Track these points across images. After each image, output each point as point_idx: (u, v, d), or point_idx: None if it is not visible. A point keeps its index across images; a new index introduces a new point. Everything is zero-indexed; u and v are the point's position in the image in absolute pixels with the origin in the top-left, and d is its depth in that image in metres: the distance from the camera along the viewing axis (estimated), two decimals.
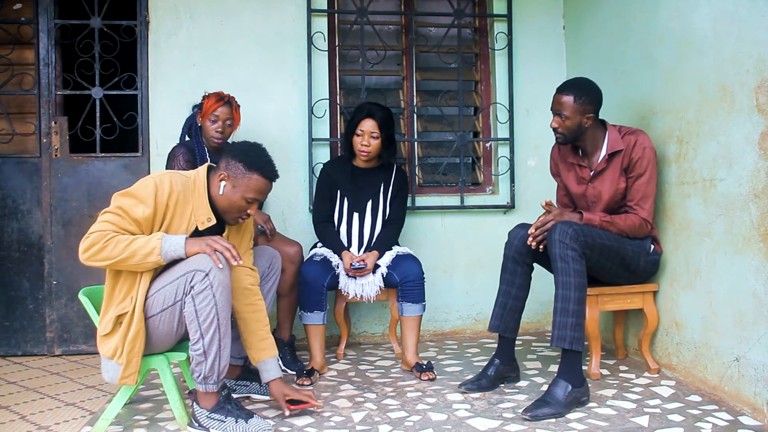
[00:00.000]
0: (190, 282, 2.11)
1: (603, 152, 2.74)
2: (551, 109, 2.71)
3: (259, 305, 2.41)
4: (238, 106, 3.10)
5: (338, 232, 3.11)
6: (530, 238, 2.58)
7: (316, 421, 2.33)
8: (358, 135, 3.03)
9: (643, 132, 2.73)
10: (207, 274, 2.11)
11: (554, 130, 2.71)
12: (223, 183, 2.24)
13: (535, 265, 2.79)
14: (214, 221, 2.27)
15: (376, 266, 2.99)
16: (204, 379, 2.17)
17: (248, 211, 2.29)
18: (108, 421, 2.25)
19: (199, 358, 2.16)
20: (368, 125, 3.01)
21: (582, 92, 2.65)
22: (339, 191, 3.11)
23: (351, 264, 2.93)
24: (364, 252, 3.06)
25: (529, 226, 2.66)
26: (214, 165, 2.34)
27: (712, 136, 2.50)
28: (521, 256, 2.68)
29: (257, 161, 2.26)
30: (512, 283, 2.71)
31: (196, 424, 2.21)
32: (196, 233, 2.24)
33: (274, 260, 2.66)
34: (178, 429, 2.29)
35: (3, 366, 3.23)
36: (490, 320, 2.75)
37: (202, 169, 2.30)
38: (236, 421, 2.17)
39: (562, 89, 2.69)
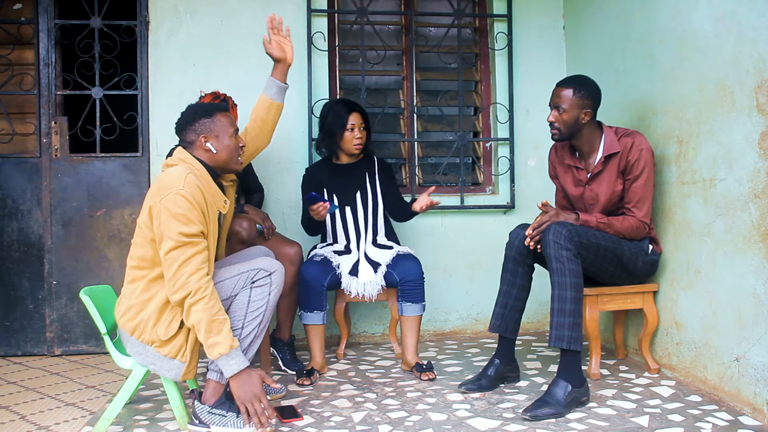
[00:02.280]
0: (253, 277, 2.22)
1: (599, 154, 2.73)
2: (549, 104, 2.71)
3: None
4: (235, 104, 3.10)
5: (333, 227, 3.12)
6: (527, 239, 2.59)
7: (316, 421, 2.33)
8: (349, 130, 3.08)
9: (640, 133, 2.72)
10: (270, 275, 2.24)
11: (551, 124, 2.70)
12: (209, 144, 2.29)
13: (536, 265, 2.79)
14: (229, 202, 2.36)
15: (377, 265, 2.98)
16: None
17: (240, 145, 2.36)
18: (109, 421, 2.25)
19: None
20: (357, 118, 3.08)
21: (581, 86, 2.66)
22: (326, 190, 3.13)
23: (306, 196, 2.87)
24: (365, 245, 3.06)
25: (528, 226, 2.66)
26: (180, 147, 2.35)
27: (712, 136, 2.50)
28: (522, 257, 2.68)
29: (207, 108, 2.34)
30: (513, 283, 2.71)
31: (197, 421, 2.21)
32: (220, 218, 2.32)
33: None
34: (178, 429, 2.29)
35: (3, 366, 3.23)
36: (491, 320, 2.75)
37: (187, 156, 2.29)
38: (237, 416, 2.18)
39: (562, 83, 2.70)
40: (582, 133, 2.71)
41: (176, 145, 3.02)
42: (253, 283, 2.22)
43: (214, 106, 2.35)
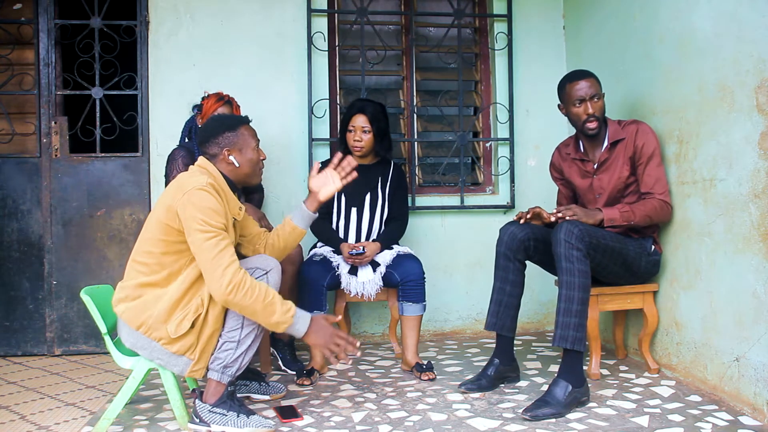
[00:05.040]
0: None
1: (605, 143, 2.78)
2: (577, 100, 2.70)
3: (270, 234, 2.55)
4: (239, 106, 3.10)
5: (336, 227, 3.11)
6: (558, 215, 2.58)
7: (316, 421, 2.33)
8: (350, 131, 3.08)
9: (643, 122, 2.77)
10: (266, 273, 2.24)
11: (589, 118, 2.70)
12: (232, 157, 2.30)
13: (533, 265, 2.81)
14: (244, 209, 2.39)
15: (377, 264, 2.99)
16: (224, 368, 2.20)
17: (261, 158, 2.38)
18: (109, 421, 2.25)
19: (230, 345, 2.20)
20: (359, 120, 3.05)
21: (593, 74, 2.74)
22: None
23: (349, 251, 2.93)
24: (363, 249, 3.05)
25: (518, 223, 2.68)
26: (203, 157, 2.34)
27: (712, 136, 2.50)
28: (512, 252, 2.69)
29: (231, 121, 2.36)
30: (505, 279, 2.71)
31: (197, 420, 2.21)
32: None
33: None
34: (178, 429, 2.29)
35: (3, 366, 3.23)
36: (486, 318, 2.75)
37: (209, 166, 2.30)
38: (238, 416, 2.19)
39: (581, 75, 2.73)
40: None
41: (176, 147, 3.04)
42: None
43: (237, 119, 2.36)
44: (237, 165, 2.31)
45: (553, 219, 2.60)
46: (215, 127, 2.33)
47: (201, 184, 2.17)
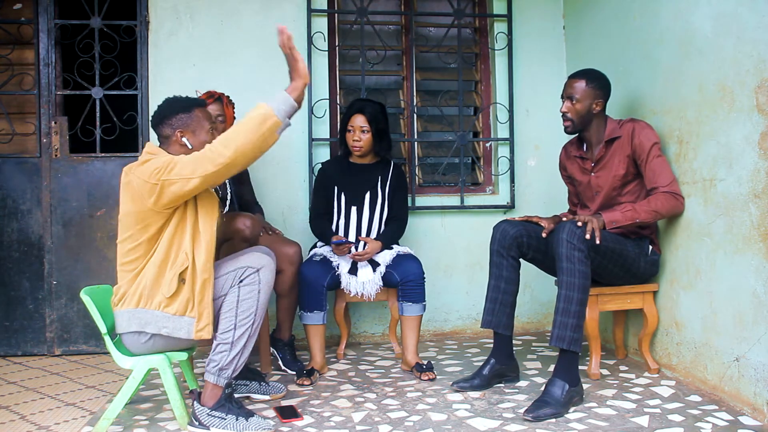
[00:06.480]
0: (240, 276, 2.21)
1: (603, 142, 2.80)
2: (562, 96, 2.78)
3: None
4: (231, 102, 3.10)
5: (337, 226, 3.12)
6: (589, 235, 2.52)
7: (316, 421, 2.33)
8: (349, 131, 3.09)
9: (640, 119, 2.79)
10: (257, 272, 2.22)
11: (563, 116, 2.76)
12: (185, 139, 2.27)
13: (531, 265, 2.81)
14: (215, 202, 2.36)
15: (377, 264, 2.99)
16: (219, 371, 2.20)
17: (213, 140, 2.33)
18: (109, 421, 2.25)
19: (224, 347, 2.19)
20: (358, 120, 3.06)
21: (593, 78, 2.74)
22: (336, 187, 3.13)
23: (333, 241, 2.92)
24: (365, 245, 3.05)
25: (514, 221, 2.72)
26: (150, 143, 2.32)
27: (712, 136, 2.50)
28: (505, 249, 2.70)
29: (185, 102, 2.32)
30: (500, 276, 2.72)
31: (197, 423, 2.21)
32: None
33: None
34: (178, 429, 2.29)
35: (3, 366, 3.23)
36: (482, 316, 2.75)
37: (158, 151, 2.26)
38: (237, 419, 2.18)
39: (575, 75, 2.78)
40: (592, 125, 2.78)
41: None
42: (241, 281, 2.21)
43: (192, 101, 2.34)
44: (190, 147, 2.27)
45: (544, 235, 2.66)
46: (168, 108, 2.29)
47: (141, 160, 2.18)
